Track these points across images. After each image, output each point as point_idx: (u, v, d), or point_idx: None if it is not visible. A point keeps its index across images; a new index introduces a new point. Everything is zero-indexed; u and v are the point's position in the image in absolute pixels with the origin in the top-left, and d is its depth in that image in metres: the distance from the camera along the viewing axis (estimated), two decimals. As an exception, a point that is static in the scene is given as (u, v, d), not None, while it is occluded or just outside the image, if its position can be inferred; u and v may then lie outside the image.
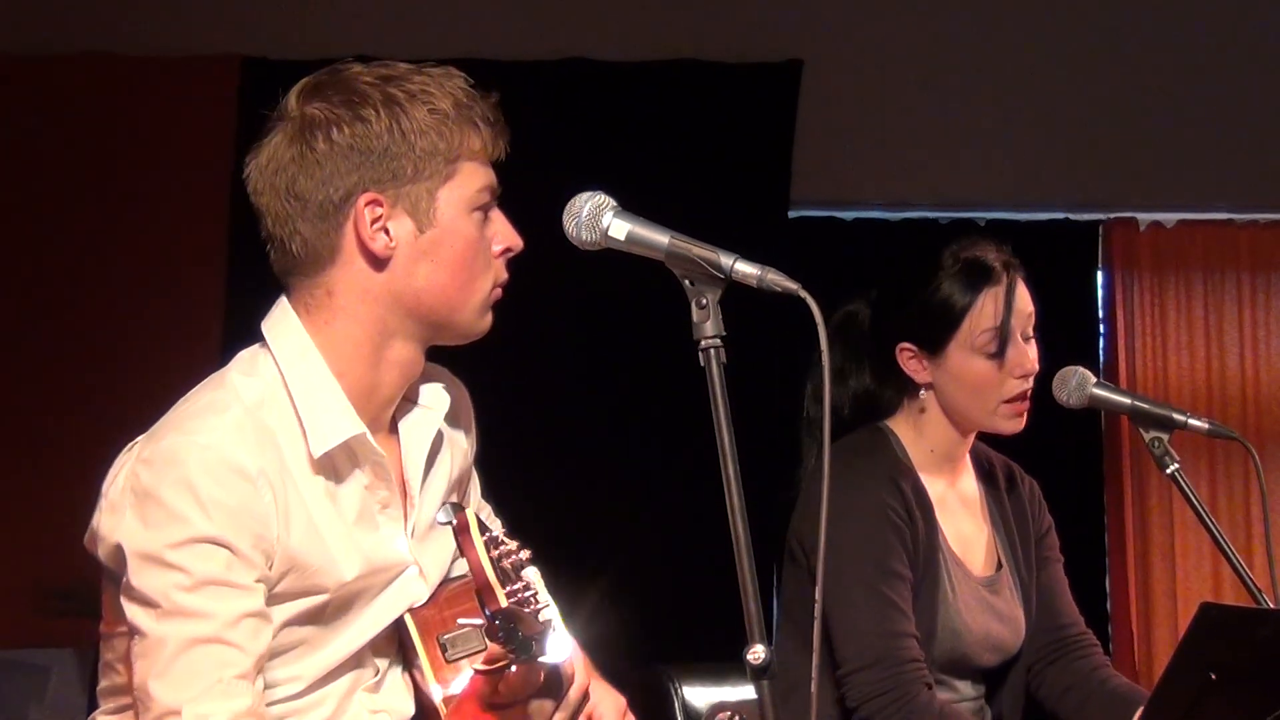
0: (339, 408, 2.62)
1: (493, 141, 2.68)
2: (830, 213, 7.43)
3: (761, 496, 2.86)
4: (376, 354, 2.66)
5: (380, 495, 2.69)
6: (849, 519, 3.51)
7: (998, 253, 3.68)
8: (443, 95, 2.64)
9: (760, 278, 2.33)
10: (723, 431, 2.31)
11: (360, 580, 2.62)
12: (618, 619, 2.94)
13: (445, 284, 2.66)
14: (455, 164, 2.64)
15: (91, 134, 6.86)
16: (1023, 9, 7.48)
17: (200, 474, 2.47)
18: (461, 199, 2.65)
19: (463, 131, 2.64)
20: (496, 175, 2.72)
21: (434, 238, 2.64)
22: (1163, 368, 7.49)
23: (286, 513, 2.54)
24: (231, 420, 2.54)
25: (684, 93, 7.18)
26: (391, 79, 2.65)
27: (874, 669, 3.45)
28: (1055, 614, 3.80)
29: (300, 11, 7.08)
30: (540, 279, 6.42)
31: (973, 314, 3.62)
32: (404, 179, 2.62)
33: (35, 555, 6.28)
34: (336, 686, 2.66)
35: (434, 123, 2.62)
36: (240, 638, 2.46)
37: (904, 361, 3.68)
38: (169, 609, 2.45)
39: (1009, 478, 3.87)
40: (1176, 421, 3.42)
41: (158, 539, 2.46)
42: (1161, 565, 7.34)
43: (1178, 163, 7.50)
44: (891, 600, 3.49)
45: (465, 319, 2.70)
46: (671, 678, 3.99)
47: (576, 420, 6.94)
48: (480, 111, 2.67)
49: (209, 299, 6.73)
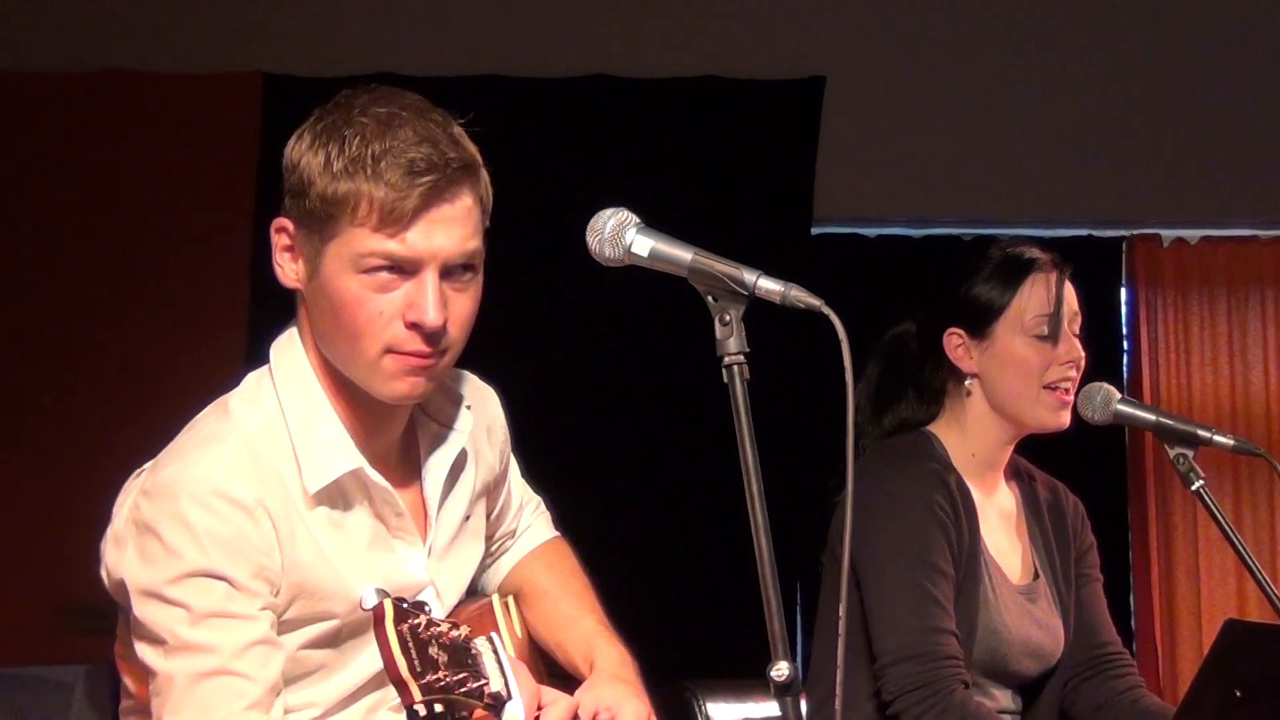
0: (336, 441, 2.61)
1: (393, 209, 2.48)
2: (853, 229, 7.43)
3: (785, 513, 2.86)
4: (346, 381, 2.62)
5: (393, 521, 2.67)
6: (895, 513, 3.51)
7: (1042, 250, 3.72)
8: (351, 145, 2.50)
9: (784, 294, 2.33)
10: (746, 448, 2.30)
11: None
12: (642, 635, 2.93)
13: (330, 334, 2.58)
14: (337, 224, 2.50)
15: (115, 150, 6.88)
16: (1046, 27, 7.48)
17: (193, 507, 2.47)
18: (343, 258, 2.52)
19: (346, 198, 2.49)
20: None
21: (317, 287, 2.56)
22: (1187, 384, 7.47)
23: (291, 540, 2.54)
24: (229, 451, 2.54)
25: (707, 109, 7.19)
26: (341, 106, 2.57)
27: (910, 662, 3.44)
28: (1093, 632, 3.79)
29: (323, 28, 7.09)
30: (564, 296, 6.46)
31: (1021, 295, 3.64)
32: (301, 221, 2.55)
33: (58, 572, 6.27)
34: (355, 710, 2.66)
35: (323, 181, 2.50)
36: (248, 667, 2.46)
37: (951, 349, 3.68)
38: (174, 645, 2.46)
39: (1051, 493, 3.86)
40: (1201, 438, 3.41)
41: (156, 575, 2.47)
42: (1186, 582, 7.32)
43: (1201, 179, 7.49)
44: (933, 595, 3.48)
45: (359, 375, 2.58)
46: (695, 694, 3.98)
47: (601, 436, 6.94)
48: (385, 173, 2.48)
49: (232, 315, 6.73)
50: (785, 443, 6.42)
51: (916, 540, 3.52)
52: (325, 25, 7.10)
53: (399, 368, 2.55)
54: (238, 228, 6.70)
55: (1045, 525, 3.80)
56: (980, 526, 3.65)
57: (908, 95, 7.39)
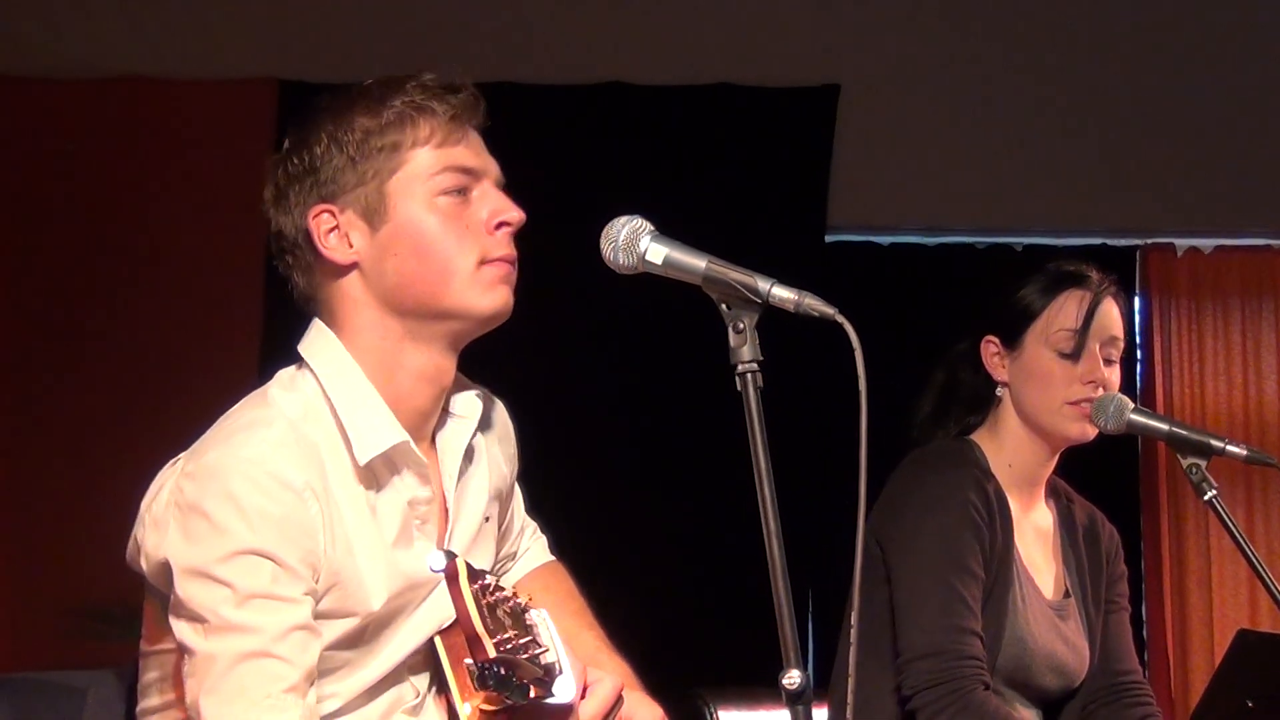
0: (381, 416, 2.63)
1: (448, 123, 2.67)
2: (867, 237, 7.43)
3: (797, 520, 2.86)
4: (394, 360, 2.67)
5: (420, 510, 2.69)
6: (932, 511, 3.55)
7: (1098, 271, 3.74)
8: (384, 93, 2.66)
9: (798, 302, 2.33)
10: (759, 455, 2.30)
11: (397, 598, 2.62)
12: (654, 642, 2.93)
13: (416, 272, 2.65)
14: (399, 154, 2.64)
15: (130, 157, 6.89)
16: (1060, 36, 7.47)
17: (244, 486, 2.48)
18: (415, 184, 2.65)
19: (402, 123, 2.64)
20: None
21: (389, 232, 2.65)
22: (1200, 393, 7.46)
23: (331, 527, 2.55)
24: (276, 434, 2.55)
25: (721, 117, 7.19)
26: (342, 93, 2.70)
27: (933, 659, 3.45)
28: (1116, 659, 3.81)
29: (337, 35, 7.10)
30: (578, 302, 6.46)
31: (1052, 309, 3.67)
32: (348, 185, 2.64)
33: (70, 577, 6.30)
34: (374, 707, 2.66)
35: (369, 124, 2.65)
36: (289, 651, 2.46)
37: (987, 357, 3.73)
38: (217, 624, 2.45)
39: (1089, 518, 3.88)
40: (1214, 448, 3.41)
41: (203, 554, 2.46)
42: (1198, 592, 7.31)
43: (1215, 188, 7.48)
44: (961, 595, 3.49)
45: (454, 301, 2.66)
46: (707, 701, 3.98)
47: (613, 444, 6.94)
48: (425, 98, 2.66)
49: (247, 319, 6.75)
50: (798, 451, 6.42)
51: (949, 540, 3.54)
52: (340, 33, 7.10)
53: (497, 275, 2.66)
54: (252, 233, 6.70)
55: (1080, 548, 3.81)
56: (1015, 538, 3.66)
57: (922, 103, 7.39)
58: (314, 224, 2.65)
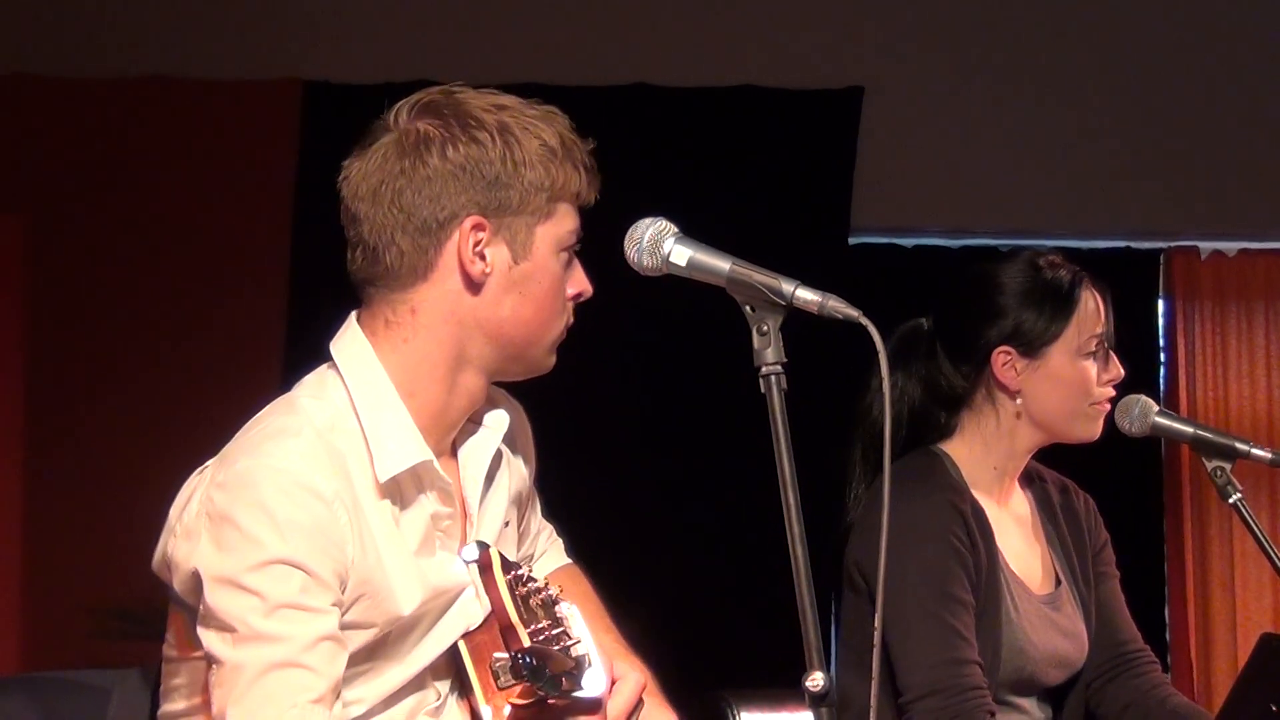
0: (406, 432, 2.62)
1: (588, 187, 2.72)
2: (890, 239, 7.43)
3: (821, 522, 2.86)
4: (451, 377, 2.67)
5: (444, 525, 2.69)
6: (911, 544, 3.48)
7: (1075, 264, 3.70)
8: (551, 133, 2.69)
9: (821, 304, 2.34)
10: (783, 458, 2.31)
11: (421, 607, 2.62)
12: (676, 644, 2.94)
13: (528, 318, 2.68)
14: (555, 203, 2.67)
15: (155, 157, 6.89)
16: (1084, 37, 7.46)
17: (275, 495, 2.48)
18: (554, 238, 2.68)
19: (566, 172, 2.68)
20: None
21: (525, 271, 2.66)
22: (1224, 397, 7.45)
23: (360, 537, 2.55)
24: (305, 444, 2.55)
25: (745, 119, 7.18)
26: (505, 108, 2.69)
27: (935, 697, 3.43)
28: (1114, 630, 3.78)
29: (363, 36, 7.10)
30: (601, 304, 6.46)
31: (1077, 318, 3.61)
32: (509, 209, 2.64)
33: (93, 576, 6.32)
34: (398, 710, 2.65)
35: (543, 157, 2.66)
36: (316, 661, 2.46)
37: (999, 367, 3.64)
38: (245, 634, 2.45)
39: (1063, 492, 3.84)
40: (1239, 451, 3.41)
41: (233, 563, 2.47)
42: (1221, 595, 7.30)
43: (1240, 191, 7.46)
44: (953, 627, 3.47)
45: (537, 355, 2.73)
46: (730, 704, 3.98)
47: (637, 445, 6.94)
48: (580, 156, 2.72)
49: (271, 321, 6.76)
50: (822, 453, 6.42)
51: (934, 573, 3.51)
52: (365, 33, 7.11)
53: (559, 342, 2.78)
54: (277, 234, 6.73)
55: (1060, 526, 3.78)
56: (998, 542, 3.64)
57: (946, 106, 7.38)
58: (467, 230, 2.63)
